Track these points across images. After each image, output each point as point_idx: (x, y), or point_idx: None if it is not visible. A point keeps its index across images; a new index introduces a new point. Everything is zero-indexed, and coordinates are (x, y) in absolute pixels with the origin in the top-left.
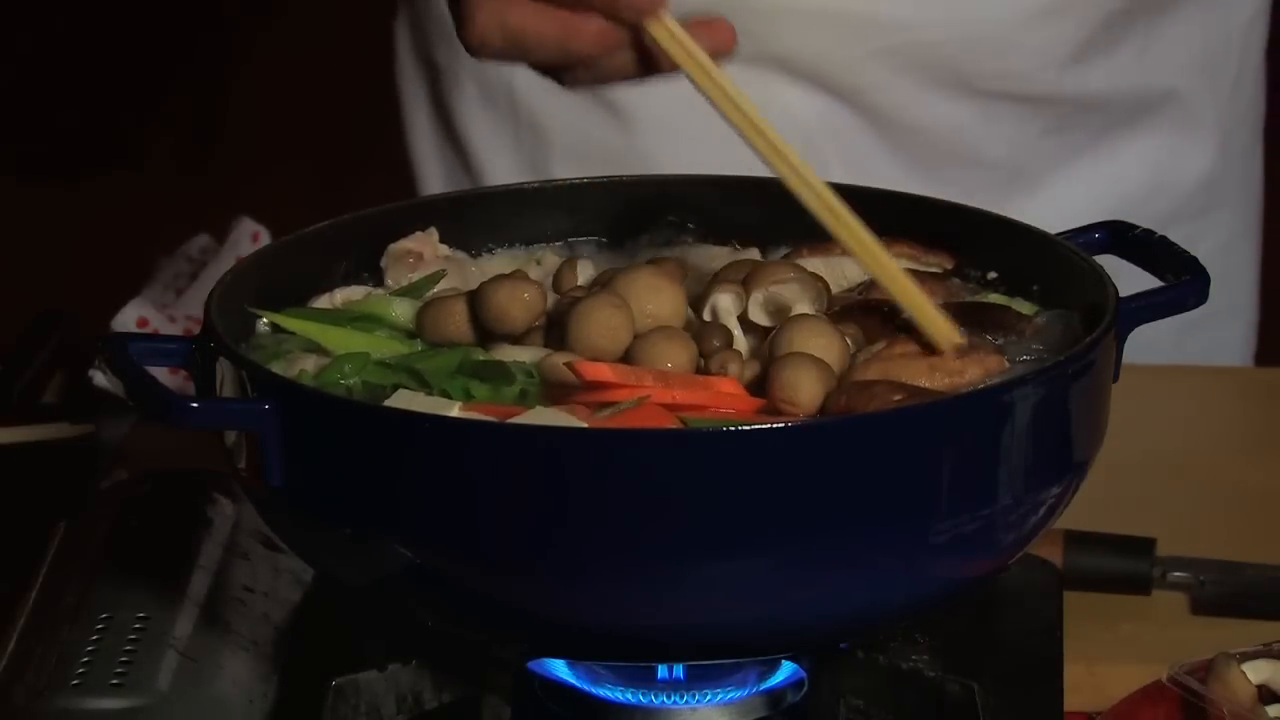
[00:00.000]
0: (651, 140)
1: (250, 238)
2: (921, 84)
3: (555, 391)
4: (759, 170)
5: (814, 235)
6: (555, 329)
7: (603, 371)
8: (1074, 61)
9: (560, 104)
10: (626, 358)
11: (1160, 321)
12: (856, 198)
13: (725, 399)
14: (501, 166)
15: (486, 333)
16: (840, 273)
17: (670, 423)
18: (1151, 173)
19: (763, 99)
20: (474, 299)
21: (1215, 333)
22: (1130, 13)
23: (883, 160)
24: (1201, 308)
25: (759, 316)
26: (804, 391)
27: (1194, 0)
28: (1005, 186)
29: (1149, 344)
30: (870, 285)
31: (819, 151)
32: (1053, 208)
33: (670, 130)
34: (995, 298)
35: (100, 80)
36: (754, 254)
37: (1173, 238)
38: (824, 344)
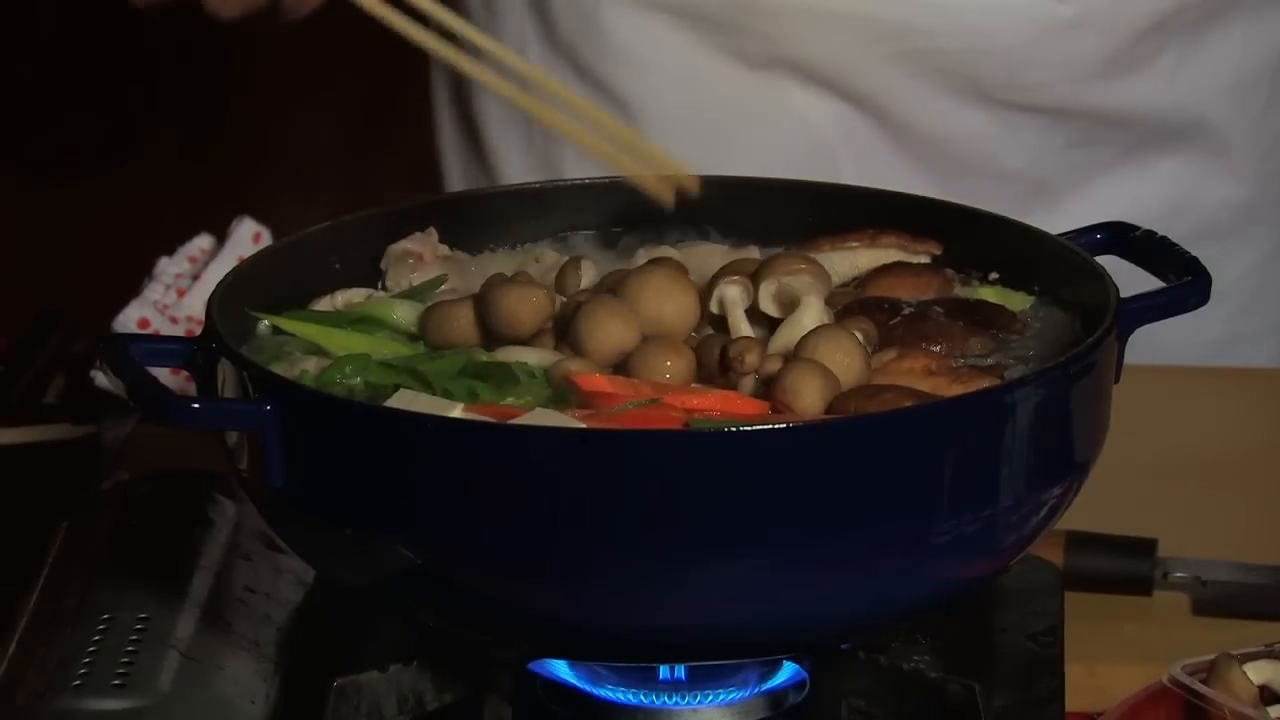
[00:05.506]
0: (662, 141)
1: (252, 238)
2: (938, 91)
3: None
4: (762, 172)
5: (812, 237)
6: (561, 330)
7: (600, 383)
8: (1099, 76)
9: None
10: (624, 367)
11: (1187, 343)
12: (857, 198)
13: (724, 400)
14: (515, 163)
15: (492, 335)
16: (831, 269)
17: (672, 423)
18: (1176, 194)
19: (777, 102)
20: (481, 303)
21: (1243, 356)
22: (1163, 29)
23: (898, 168)
24: (1231, 331)
25: (769, 307)
26: (804, 398)
27: (1235, 21)
28: (1026, 200)
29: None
30: (865, 281)
31: (833, 157)
32: (1073, 224)
33: (681, 131)
34: (987, 292)
35: (101, 79)
36: (753, 253)
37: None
38: (845, 362)
